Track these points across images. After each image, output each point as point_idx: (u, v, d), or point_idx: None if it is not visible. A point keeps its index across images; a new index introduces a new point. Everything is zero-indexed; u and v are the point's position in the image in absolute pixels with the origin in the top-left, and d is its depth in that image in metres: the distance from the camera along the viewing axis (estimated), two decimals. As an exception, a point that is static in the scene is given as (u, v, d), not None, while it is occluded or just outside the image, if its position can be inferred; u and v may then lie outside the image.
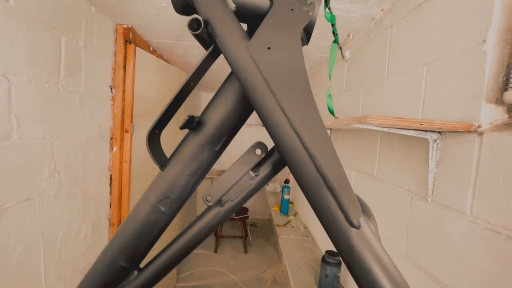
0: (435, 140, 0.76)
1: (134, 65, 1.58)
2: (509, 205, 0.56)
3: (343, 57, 1.46)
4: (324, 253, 1.28)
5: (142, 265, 0.35)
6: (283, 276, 2.80)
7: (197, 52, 1.99)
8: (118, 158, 1.57)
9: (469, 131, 0.65)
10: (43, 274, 1.05)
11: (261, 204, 4.48)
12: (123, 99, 1.55)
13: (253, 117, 3.51)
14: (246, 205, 4.21)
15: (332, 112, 1.19)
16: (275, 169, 0.32)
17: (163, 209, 0.32)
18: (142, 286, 0.34)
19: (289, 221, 2.22)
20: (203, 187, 4.39)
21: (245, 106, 0.30)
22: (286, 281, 2.69)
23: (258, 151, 0.31)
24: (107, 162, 1.52)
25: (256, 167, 0.32)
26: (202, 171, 0.32)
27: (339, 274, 1.23)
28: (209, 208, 0.33)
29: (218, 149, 0.32)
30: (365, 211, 0.23)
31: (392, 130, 0.75)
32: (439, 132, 0.75)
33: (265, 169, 0.32)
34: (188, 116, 0.30)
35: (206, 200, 0.32)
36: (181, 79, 2.18)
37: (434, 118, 0.76)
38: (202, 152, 0.31)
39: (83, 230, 1.32)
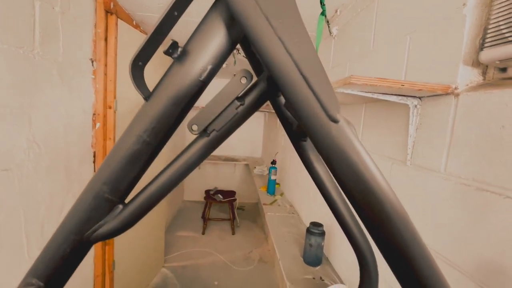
0: (415, 106, 0.79)
1: (116, 38, 1.51)
2: (479, 159, 0.59)
3: (330, 33, 1.46)
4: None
5: (127, 201, 0.36)
6: (270, 255, 2.88)
7: (183, 28, 1.93)
8: (102, 135, 1.53)
9: (446, 93, 0.68)
10: (25, 247, 1.03)
11: (248, 188, 4.52)
12: (105, 74, 1.49)
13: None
14: (233, 188, 4.24)
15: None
16: (261, 99, 0.33)
17: (148, 139, 0.32)
18: (128, 219, 0.34)
19: (275, 200, 2.27)
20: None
21: (231, 31, 0.30)
22: (272, 259, 2.77)
23: (244, 80, 0.31)
24: (90, 139, 1.48)
25: (242, 96, 0.32)
26: (187, 101, 0.32)
27: (322, 243, 1.29)
28: (195, 140, 0.33)
29: (204, 79, 0.31)
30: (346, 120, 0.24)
31: (375, 96, 0.77)
32: (419, 98, 0.78)
33: (250, 99, 0.32)
34: (172, 40, 0.30)
35: (192, 129, 0.32)
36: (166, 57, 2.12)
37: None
38: (186, 81, 0.31)
39: (66, 206, 1.29)
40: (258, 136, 4.53)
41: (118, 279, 1.79)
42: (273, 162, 2.49)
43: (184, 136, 3.96)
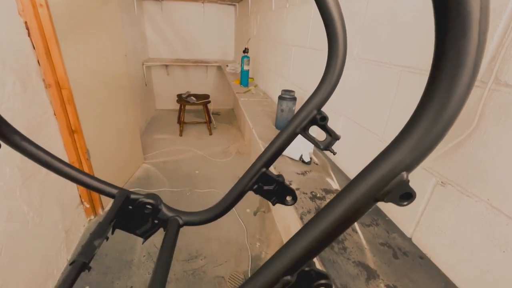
0: None
1: None
2: None
3: None
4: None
5: None
6: (246, 148, 3.06)
7: None
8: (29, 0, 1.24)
9: None
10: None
11: (223, 94, 4.42)
12: None
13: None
14: (207, 92, 4.11)
15: None
16: None
17: None
18: None
19: (249, 90, 2.22)
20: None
21: None
22: (249, 151, 2.96)
23: None
24: (14, 3, 1.19)
25: None
26: None
27: (294, 108, 1.31)
28: None
29: None
30: None
31: None
32: None
33: None
34: None
35: None
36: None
37: None
38: None
39: (8, 81, 1.14)
40: (230, 37, 4.12)
41: (97, 168, 1.82)
42: (245, 51, 2.32)
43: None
